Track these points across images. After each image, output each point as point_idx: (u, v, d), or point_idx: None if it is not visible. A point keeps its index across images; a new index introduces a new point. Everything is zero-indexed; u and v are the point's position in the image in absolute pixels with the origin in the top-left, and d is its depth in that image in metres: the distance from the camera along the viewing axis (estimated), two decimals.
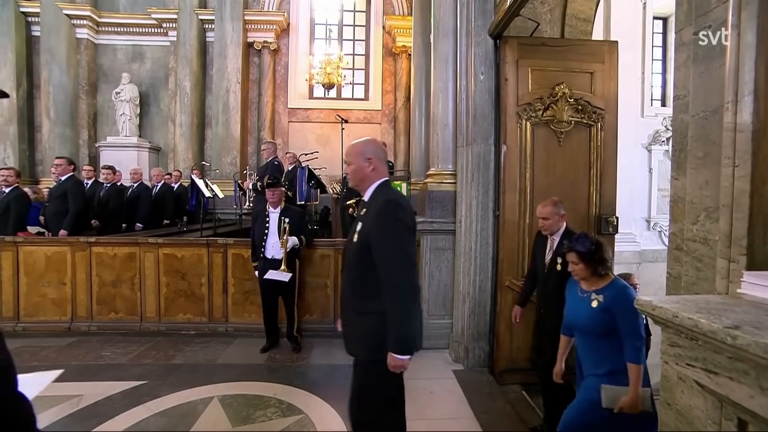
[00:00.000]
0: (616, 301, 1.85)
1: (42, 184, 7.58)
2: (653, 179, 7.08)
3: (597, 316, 1.88)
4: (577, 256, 1.93)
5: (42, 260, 3.95)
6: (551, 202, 2.45)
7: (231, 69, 7.99)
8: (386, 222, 1.53)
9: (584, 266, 1.92)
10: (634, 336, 1.80)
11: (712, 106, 1.17)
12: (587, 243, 1.92)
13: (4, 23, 7.72)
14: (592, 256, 1.90)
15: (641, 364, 1.78)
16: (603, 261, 1.91)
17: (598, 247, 1.92)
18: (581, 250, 1.91)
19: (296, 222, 3.50)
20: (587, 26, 3.75)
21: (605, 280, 1.93)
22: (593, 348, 1.93)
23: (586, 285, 1.97)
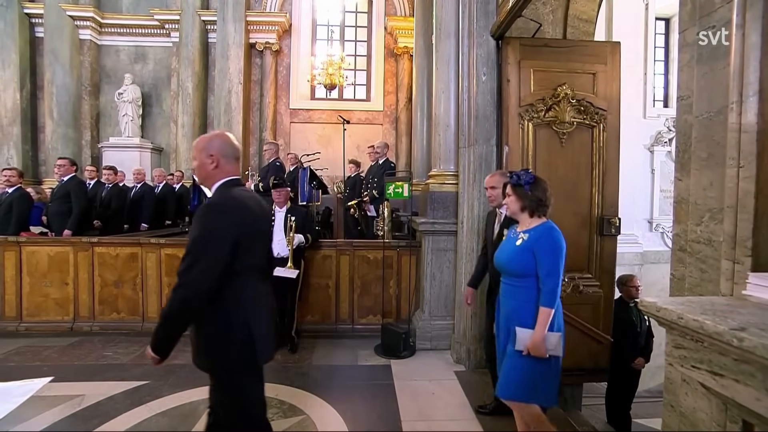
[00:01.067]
0: (538, 238, 1.81)
1: (45, 184, 7.61)
2: (655, 180, 7.06)
3: (518, 255, 1.84)
4: (511, 187, 1.90)
5: (45, 260, 3.96)
6: (498, 173, 2.45)
7: (233, 70, 8.00)
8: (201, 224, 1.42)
9: (515, 198, 1.88)
10: (550, 277, 1.76)
11: (717, 106, 1.17)
12: (526, 177, 1.87)
13: (8, 24, 7.75)
14: (526, 190, 1.85)
15: (552, 308, 1.75)
16: (538, 201, 1.84)
17: (536, 184, 1.86)
18: (516, 181, 1.88)
19: (302, 220, 3.51)
20: (589, 27, 3.74)
21: (537, 221, 1.87)
22: (512, 293, 1.89)
23: (519, 226, 1.93)
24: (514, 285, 1.87)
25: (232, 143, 1.58)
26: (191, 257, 1.40)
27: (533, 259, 1.79)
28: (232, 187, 1.54)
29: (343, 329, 4.02)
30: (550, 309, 1.75)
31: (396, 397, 2.80)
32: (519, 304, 1.84)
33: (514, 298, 1.88)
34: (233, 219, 1.45)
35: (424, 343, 3.60)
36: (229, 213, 1.45)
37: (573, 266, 3.22)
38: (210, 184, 1.56)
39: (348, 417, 2.53)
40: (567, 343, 3.19)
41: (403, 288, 4.02)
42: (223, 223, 1.43)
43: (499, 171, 2.50)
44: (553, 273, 1.76)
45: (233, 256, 1.42)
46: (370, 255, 4.04)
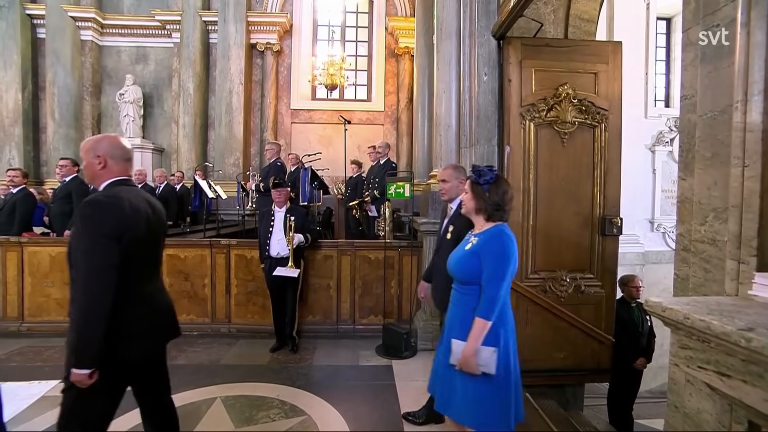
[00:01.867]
0: (486, 242, 1.63)
1: (46, 184, 7.62)
2: (657, 180, 7.05)
3: (464, 259, 1.67)
4: (470, 185, 1.74)
5: (46, 260, 3.97)
6: (451, 166, 2.35)
7: (234, 70, 8.01)
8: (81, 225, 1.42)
9: (471, 197, 1.71)
10: (491, 284, 1.57)
11: (721, 105, 1.16)
12: (487, 175, 1.70)
13: (10, 25, 7.77)
14: (484, 191, 1.67)
15: (489, 319, 1.56)
16: (495, 204, 1.67)
17: (496, 185, 1.68)
18: (475, 179, 1.71)
19: (301, 220, 3.51)
20: (591, 27, 3.74)
21: (491, 225, 1.69)
22: (457, 300, 1.72)
23: (474, 228, 1.76)
24: (460, 292, 1.70)
25: (121, 145, 1.61)
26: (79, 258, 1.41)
27: (479, 265, 1.61)
28: (119, 186, 1.56)
29: (345, 329, 4.01)
30: (486, 321, 1.56)
31: (397, 397, 2.80)
32: (464, 313, 1.65)
33: (458, 306, 1.71)
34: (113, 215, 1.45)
35: (425, 344, 3.59)
36: (110, 209, 1.45)
37: (575, 266, 3.22)
38: (98, 184, 1.58)
39: (349, 417, 2.53)
40: (569, 343, 3.22)
41: (404, 288, 4.02)
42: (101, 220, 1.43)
43: (453, 165, 2.38)
44: (494, 280, 1.57)
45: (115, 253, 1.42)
46: (371, 255, 4.04)
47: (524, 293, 3.15)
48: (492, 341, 1.58)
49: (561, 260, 3.20)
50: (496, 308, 1.57)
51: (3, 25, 7.76)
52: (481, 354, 1.55)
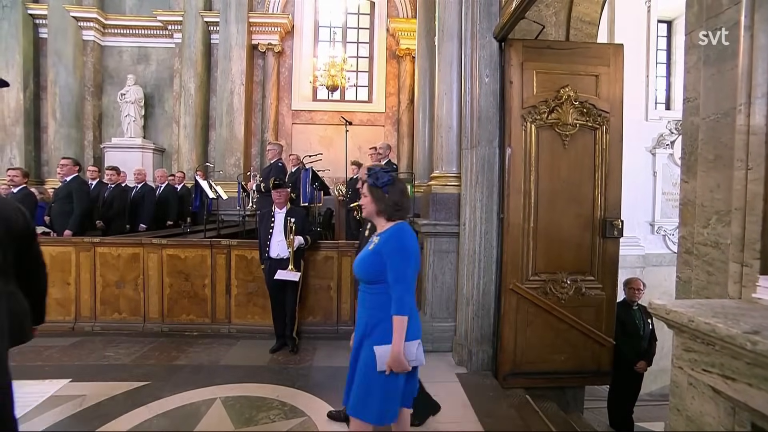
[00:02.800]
0: (387, 241, 1.64)
1: (47, 184, 7.62)
2: (657, 183, 7.05)
3: (367, 259, 1.67)
4: (368, 188, 1.72)
5: (47, 260, 3.93)
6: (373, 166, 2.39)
7: (235, 71, 8.02)
8: None
9: (371, 200, 1.70)
10: (398, 284, 1.58)
11: (724, 108, 1.16)
12: (384, 177, 1.69)
13: (12, 25, 7.79)
14: (384, 192, 1.67)
15: (406, 315, 1.58)
16: (394, 204, 1.68)
17: (394, 186, 1.69)
18: (373, 182, 1.70)
19: (301, 222, 3.51)
20: (592, 29, 3.75)
21: (392, 224, 1.70)
22: (363, 301, 1.71)
23: (377, 230, 1.76)
24: (367, 292, 1.70)
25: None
26: None
27: (382, 263, 1.61)
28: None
29: (345, 330, 4.00)
30: (404, 317, 1.58)
31: None
32: (370, 312, 1.66)
33: (366, 308, 1.69)
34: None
35: (425, 345, 3.51)
36: None
37: (575, 268, 3.22)
38: None
39: None
40: (569, 345, 3.22)
41: None
42: None
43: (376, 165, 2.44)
44: (400, 279, 1.59)
45: None
46: None
47: (525, 295, 3.15)
48: (414, 334, 1.63)
49: (562, 262, 3.20)
50: (410, 303, 1.61)
51: (5, 24, 7.77)
52: (409, 349, 1.59)
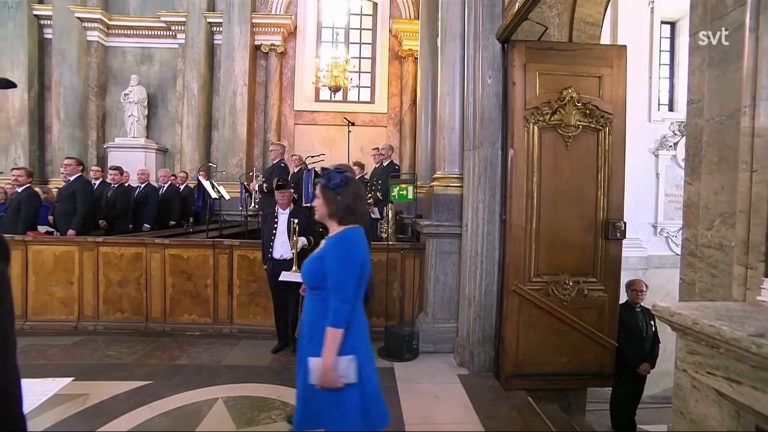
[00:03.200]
0: (331, 246, 1.56)
1: (51, 184, 7.66)
2: (660, 184, 7.02)
3: (311, 262, 1.60)
4: (320, 189, 1.65)
5: (50, 259, 3.98)
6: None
7: (238, 71, 8.04)
8: None
9: (323, 202, 1.63)
10: (336, 292, 1.50)
11: (729, 110, 1.16)
12: (337, 178, 1.61)
13: (18, 26, 7.84)
14: (336, 194, 1.60)
15: (340, 327, 1.49)
16: (347, 207, 1.60)
17: (347, 188, 1.61)
18: (325, 183, 1.62)
19: (304, 223, 3.51)
20: (595, 30, 3.74)
21: (342, 228, 1.62)
22: (307, 307, 1.64)
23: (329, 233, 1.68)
24: (310, 297, 1.63)
25: None
26: None
27: (324, 269, 1.54)
28: None
29: None
30: (337, 329, 1.48)
31: (399, 400, 2.79)
32: (311, 318, 1.60)
33: (308, 313, 1.63)
34: None
35: (427, 346, 3.59)
36: None
37: (578, 270, 3.21)
38: None
39: None
40: (571, 347, 3.21)
41: (406, 290, 4.01)
42: None
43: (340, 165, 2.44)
44: (339, 287, 1.50)
45: None
46: (374, 257, 4.02)
47: (527, 296, 3.15)
48: (348, 349, 1.51)
49: (564, 264, 3.19)
50: (346, 315, 1.51)
51: (11, 25, 7.82)
52: (339, 365, 1.47)
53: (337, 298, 1.50)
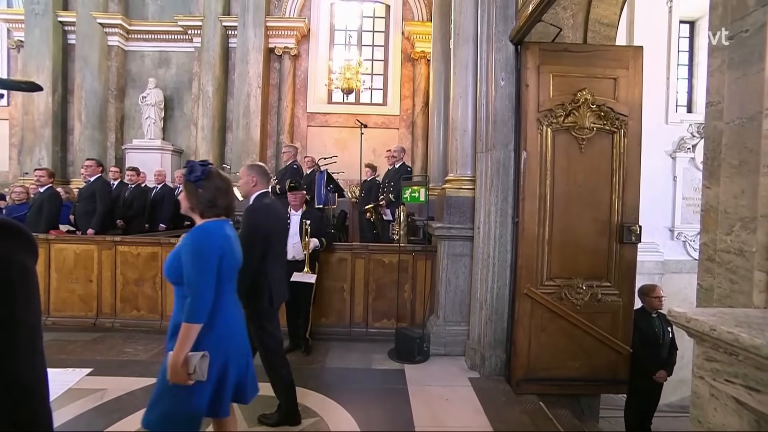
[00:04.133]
0: (185, 240, 1.54)
1: (72, 184, 7.89)
2: (677, 187, 6.86)
3: (170, 258, 1.57)
4: (183, 182, 1.63)
5: (71, 257, 4.11)
6: (247, 165, 2.44)
7: (252, 74, 8.16)
8: None
9: (185, 195, 1.61)
10: (190, 287, 1.47)
11: (749, 112, 1.13)
12: (197, 171, 1.57)
13: (44, 32, 8.12)
14: (196, 187, 1.57)
15: (194, 323, 1.46)
16: (208, 201, 1.58)
17: (208, 181, 1.58)
18: (186, 175, 1.59)
19: (317, 224, 3.55)
20: (611, 31, 3.69)
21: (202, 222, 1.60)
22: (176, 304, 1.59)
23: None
24: (176, 294, 1.58)
25: None
26: None
27: (180, 264, 1.52)
28: None
29: (358, 332, 4.02)
30: (192, 324, 1.46)
31: (409, 402, 2.79)
32: (174, 314, 1.57)
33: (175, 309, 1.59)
34: None
35: (438, 349, 3.58)
36: None
37: (591, 274, 3.16)
38: None
39: (361, 420, 2.53)
40: (584, 352, 3.16)
41: (417, 292, 4.01)
42: None
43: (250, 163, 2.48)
44: (192, 283, 1.47)
45: None
46: (385, 259, 4.05)
47: (539, 300, 3.11)
48: (206, 346, 1.50)
49: (577, 267, 3.15)
50: (201, 310, 1.48)
51: (37, 32, 8.10)
52: (190, 361, 1.44)
53: (191, 293, 1.47)
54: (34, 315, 0.68)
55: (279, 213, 2.47)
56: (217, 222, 1.61)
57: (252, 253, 2.17)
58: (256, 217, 2.29)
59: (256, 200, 2.35)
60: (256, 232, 2.25)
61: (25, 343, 0.64)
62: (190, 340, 1.46)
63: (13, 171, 8.66)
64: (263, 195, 2.37)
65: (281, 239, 2.51)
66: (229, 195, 1.64)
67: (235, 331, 1.63)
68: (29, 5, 8.09)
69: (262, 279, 2.27)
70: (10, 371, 0.61)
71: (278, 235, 2.43)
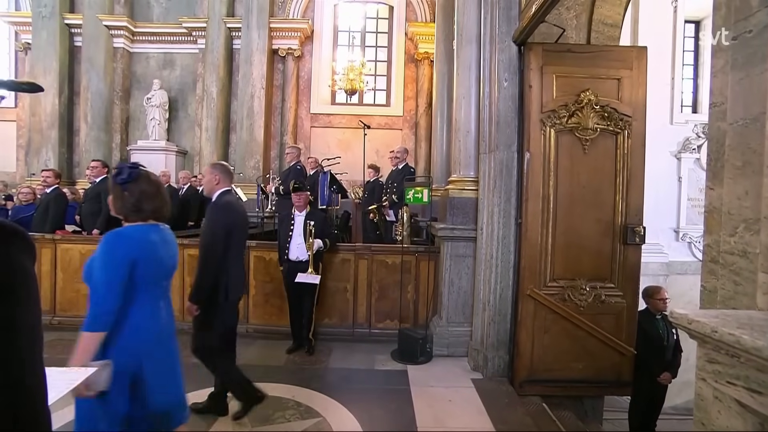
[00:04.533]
0: (99, 245, 1.48)
1: (78, 185, 7.96)
2: (682, 188, 6.82)
3: (88, 263, 1.52)
4: (111, 184, 1.60)
5: (77, 257, 4.14)
6: (211, 164, 2.54)
7: (256, 75, 8.20)
8: None
9: (111, 198, 1.58)
10: (94, 292, 1.42)
11: (753, 113, 1.13)
12: (124, 174, 1.53)
13: (51, 34, 8.21)
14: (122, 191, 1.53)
15: (95, 331, 1.39)
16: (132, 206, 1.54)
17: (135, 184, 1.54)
18: (113, 178, 1.56)
19: (321, 225, 3.56)
20: (614, 32, 3.68)
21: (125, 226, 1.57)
22: None
23: None
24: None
25: None
26: None
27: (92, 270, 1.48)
28: None
29: (361, 333, 4.03)
30: (92, 333, 1.39)
31: (412, 402, 2.79)
32: None
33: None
34: None
35: (441, 350, 3.57)
36: None
37: (595, 275, 3.15)
38: None
39: (364, 421, 2.53)
40: (587, 353, 3.15)
41: (420, 293, 4.01)
42: None
43: (214, 162, 2.59)
44: (96, 288, 1.42)
45: None
46: (388, 259, 4.05)
47: (542, 301, 3.11)
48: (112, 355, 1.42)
49: (581, 268, 3.14)
50: (100, 319, 1.41)
51: (44, 34, 8.19)
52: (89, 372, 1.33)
53: (93, 300, 1.41)
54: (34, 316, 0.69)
55: (239, 210, 2.53)
56: (140, 227, 1.55)
57: (214, 249, 2.32)
58: (217, 214, 2.38)
59: (218, 198, 2.44)
60: (217, 229, 2.34)
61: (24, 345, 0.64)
62: (88, 349, 1.38)
63: (20, 172, 8.77)
64: (225, 193, 2.47)
65: (242, 235, 2.56)
66: (157, 199, 1.58)
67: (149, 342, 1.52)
68: (36, 8, 8.19)
69: (220, 275, 2.35)
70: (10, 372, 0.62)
71: (239, 231, 2.49)
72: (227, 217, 2.40)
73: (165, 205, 1.63)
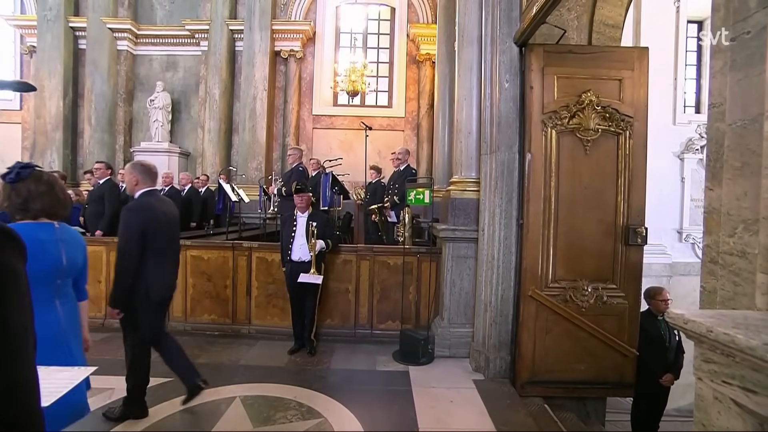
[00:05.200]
0: None
1: (82, 186, 8.01)
2: (686, 189, 6.79)
3: None
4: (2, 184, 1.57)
5: None
6: (131, 163, 2.54)
7: (258, 77, 8.24)
8: None
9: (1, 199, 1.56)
10: None
11: (752, 114, 1.13)
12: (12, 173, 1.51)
13: (55, 37, 8.28)
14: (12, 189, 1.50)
15: None
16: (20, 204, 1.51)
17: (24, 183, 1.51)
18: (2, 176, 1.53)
19: (323, 226, 3.57)
20: (616, 32, 3.68)
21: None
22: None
23: None
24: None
25: None
26: None
27: None
28: None
29: (362, 334, 4.04)
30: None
31: (414, 403, 2.80)
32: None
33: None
34: None
35: (442, 351, 3.58)
36: None
37: (597, 276, 3.14)
38: None
39: (366, 421, 2.54)
40: (589, 354, 3.14)
41: (422, 294, 4.01)
42: None
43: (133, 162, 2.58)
44: None
45: None
46: (390, 261, 4.06)
47: (544, 302, 3.10)
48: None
49: (582, 269, 3.13)
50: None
51: (49, 37, 8.27)
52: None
53: None
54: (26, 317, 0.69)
55: (158, 210, 2.48)
56: (26, 224, 1.53)
57: (128, 252, 2.34)
58: (130, 215, 2.39)
59: (138, 199, 2.46)
60: (130, 231, 2.35)
61: (16, 345, 0.65)
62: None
63: None
64: (147, 193, 2.47)
65: (162, 236, 2.47)
66: (47, 198, 1.55)
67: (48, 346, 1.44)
68: (41, 11, 8.26)
69: (138, 277, 2.36)
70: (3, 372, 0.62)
71: (159, 232, 2.44)
72: (139, 219, 2.37)
73: (59, 203, 1.60)
